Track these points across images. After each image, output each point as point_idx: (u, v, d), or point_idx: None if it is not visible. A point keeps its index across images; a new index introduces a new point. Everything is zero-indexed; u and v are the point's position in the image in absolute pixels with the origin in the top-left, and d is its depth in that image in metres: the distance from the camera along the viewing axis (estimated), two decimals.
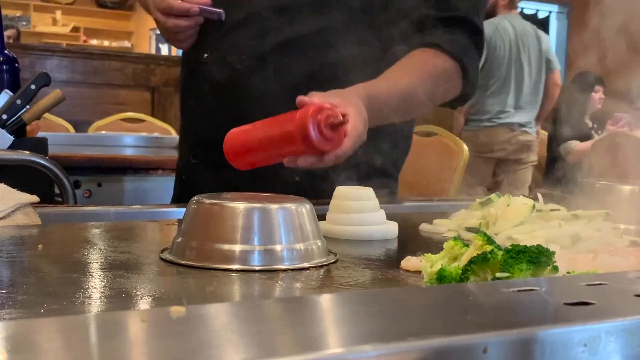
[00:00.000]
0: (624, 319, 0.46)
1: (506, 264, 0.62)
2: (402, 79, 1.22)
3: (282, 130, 1.04)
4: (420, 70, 1.25)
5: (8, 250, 0.81)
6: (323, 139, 1.00)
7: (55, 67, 4.84)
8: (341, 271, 0.76)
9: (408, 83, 1.22)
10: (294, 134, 1.01)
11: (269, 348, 0.39)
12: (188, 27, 1.31)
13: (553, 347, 0.43)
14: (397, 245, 0.95)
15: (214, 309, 0.47)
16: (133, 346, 0.39)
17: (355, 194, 0.98)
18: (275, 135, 1.06)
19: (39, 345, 0.38)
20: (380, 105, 1.16)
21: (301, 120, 0.99)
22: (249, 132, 1.10)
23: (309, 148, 1.01)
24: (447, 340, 0.41)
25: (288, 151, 1.05)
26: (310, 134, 0.99)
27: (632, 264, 0.75)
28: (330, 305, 0.49)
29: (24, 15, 10.78)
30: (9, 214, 0.94)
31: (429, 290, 0.61)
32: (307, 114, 0.99)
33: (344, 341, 0.40)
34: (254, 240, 0.74)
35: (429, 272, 0.69)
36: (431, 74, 1.26)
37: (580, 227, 0.91)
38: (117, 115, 4.11)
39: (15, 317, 0.55)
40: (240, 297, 0.68)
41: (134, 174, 2.39)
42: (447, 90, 1.31)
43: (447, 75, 1.28)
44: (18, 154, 1.50)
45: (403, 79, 1.22)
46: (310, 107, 1.00)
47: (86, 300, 0.61)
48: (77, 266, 0.74)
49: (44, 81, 1.68)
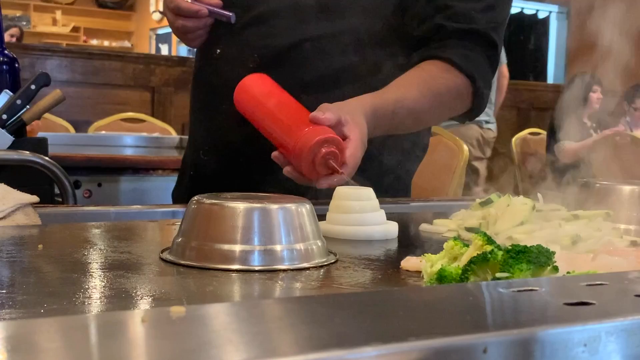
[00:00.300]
0: (624, 319, 0.46)
1: (506, 264, 0.62)
2: (410, 92, 1.20)
3: (286, 130, 1.05)
4: (429, 85, 1.23)
5: (8, 250, 0.81)
6: (314, 171, 1.02)
7: (55, 67, 4.84)
8: (341, 271, 0.76)
9: (416, 97, 1.20)
10: (292, 147, 1.02)
11: (269, 348, 0.39)
12: (196, 28, 1.30)
13: (553, 347, 0.43)
14: (397, 245, 0.95)
15: (214, 309, 0.47)
16: (133, 346, 0.39)
17: (355, 194, 0.98)
18: (279, 125, 1.07)
19: (39, 345, 0.38)
20: (386, 119, 1.16)
21: (302, 144, 1.01)
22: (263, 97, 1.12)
23: (297, 167, 1.03)
24: (447, 340, 0.41)
25: (279, 146, 1.07)
26: (302, 163, 1.01)
27: (632, 264, 0.75)
28: (330, 305, 0.49)
29: (24, 15, 10.79)
30: (9, 214, 0.94)
31: (429, 290, 0.61)
32: (310, 143, 1.00)
33: (344, 341, 0.40)
34: (254, 240, 0.74)
35: (429, 272, 0.69)
36: (440, 89, 1.24)
37: (580, 227, 0.91)
38: (117, 115, 4.11)
39: (15, 317, 0.55)
40: (240, 297, 0.68)
41: (134, 174, 2.39)
42: (455, 106, 1.30)
43: (457, 91, 1.26)
44: (18, 154, 1.50)
45: (411, 92, 1.20)
46: (316, 136, 1.00)
47: (86, 300, 0.61)
48: (77, 266, 0.74)
49: (44, 81, 1.68)
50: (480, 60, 1.27)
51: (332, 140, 1.01)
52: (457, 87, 1.25)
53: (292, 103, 1.11)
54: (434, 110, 1.25)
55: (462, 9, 1.25)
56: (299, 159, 1.02)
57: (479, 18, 1.26)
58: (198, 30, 1.31)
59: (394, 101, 1.17)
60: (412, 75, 1.23)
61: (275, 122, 1.09)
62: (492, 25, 1.28)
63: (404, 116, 1.20)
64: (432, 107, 1.24)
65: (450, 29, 1.25)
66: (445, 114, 1.32)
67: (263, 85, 1.17)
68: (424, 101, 1.21)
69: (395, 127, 1.21)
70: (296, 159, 1.03)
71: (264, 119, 1.12)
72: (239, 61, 1.29)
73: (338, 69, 1.27)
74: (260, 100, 1.14)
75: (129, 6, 11.75)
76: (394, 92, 1.19)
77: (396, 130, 1.25)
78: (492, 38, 1.28)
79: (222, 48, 1.33)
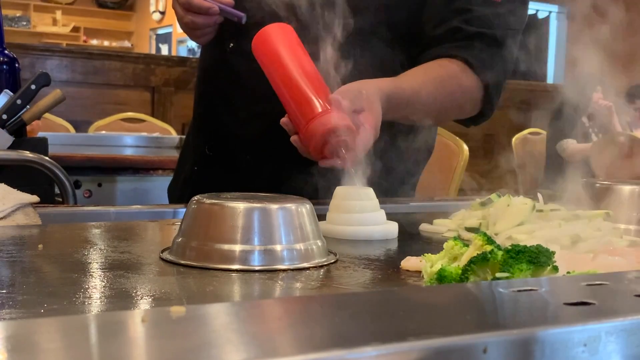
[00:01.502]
0: (624, 319, 0.46)
1: (506, 264, 0.62)
2: (426, 85, 1.20)
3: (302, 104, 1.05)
4: (445, 83, 1.23)
5: (8, 250, 0.81)
6: (320, 153, 1.02)
7: (55, 67, 4.84)
8: (341, 271, 0.76)
9: (431, 92, 1.21)
10: (304, 124, 1.02)
11: (269, 348, 0.39)
12: (205, 25, 1.29)
13: (553, 347, 0.43)
14: (397, 245, 0.95)
15: (214, 309, 0.47)
16: (133, 346, 0.39)
17: (355, 194, 0.98)
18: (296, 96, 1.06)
19: (39, 345, 0.38)
20: (399, 107, 1.16)
21: (316, 126, 1.01)
22: (284, 56, 1.09)
23: (305, 142, 1.03)
24: (447, 340, 0.41)
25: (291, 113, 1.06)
26: (312, 143, 1.01)
27: (632, 264, 0.75)
28: (330, 305, 0.49)
29: (24, 15, 10.80)
30: (9, 214, 0.94)
31: (429, 290, 0.61)
32: (324, 128, 1.00)
33: (343, 341, 0.40)
34: (254, 240, 0.74)
35: (429, 272, 0.69)
36: (454, 88, 1.24)
37: (580, 227, 0.91)
38: (117, 115, 4.11)
39: (15, 317, 0.55)
40: (240, 297, 0.68)
41: (134, 174, 2.39)
42: (465, 107, 1.30)
43: (470, 93, 1.26)
44: (18, 154, 1.50)
45: (427, 86, 1.20)
46: (331, 123, 1.00)
47: (86, 300, 0.61)
48: (77, 266, 0.74)
49: (44, 81, 1.68)
50: (495, 66, 1.26)
51: (346, 128, 1.01)
52: (471, 89, 1.26)
53: (313, 73, 1.09)
54: (445, 107, 1.26)
55: (481, 13, 1.25)
56: (309, 138, 1.02)
57: (497, 23, 1.26)
58: (207, 28, 1.30)
59: (410, 92, 1.18)
60: (430, 69, 1.23)
61: (292, 90, 1.07)
62: (510, 31, 1.28)
63: (416, 108, 1.20)
64: (444, 105, 1.24)
65: (468, 32, 1.24)
66: (455, 114, 1.32)
67: (286, 41, 1.12)
68: (437, 97, 1.22)
69: (405, 116, 1.22)
70: (306, 137, 1.03)
71: (281, 80, 1.09)
72: (252, 56, 1.29)
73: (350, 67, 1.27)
74: (280, 58, 1.10)
75: (129, 6, 11.76)
76: (411, 82, 1.19)
77: (404, 120, 1.24)
78: (509, 44, 1.27)
79: (235, 42, 1.32)
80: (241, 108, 1.31)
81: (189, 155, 1.48)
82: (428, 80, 1.21)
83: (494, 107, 1.31)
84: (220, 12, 1.27)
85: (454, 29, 1.25)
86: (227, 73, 1.34)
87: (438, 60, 1.25)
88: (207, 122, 1.41)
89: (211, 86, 1.40)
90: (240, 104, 1.32)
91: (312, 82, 1.07)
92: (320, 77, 1.09)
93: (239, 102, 1.32)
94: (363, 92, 1.07)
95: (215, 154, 1.38)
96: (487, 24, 1.25)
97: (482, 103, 1.28)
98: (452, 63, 1.24)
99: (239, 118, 1.31)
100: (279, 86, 1.10)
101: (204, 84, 1.43)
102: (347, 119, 1.02)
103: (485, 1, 1.26)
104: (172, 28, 10.49)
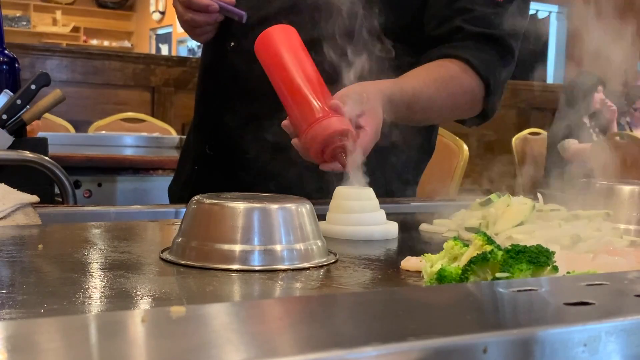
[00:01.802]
0: (624, 319, 0.46)
1: (506, 264, 0.62)
2: (427, 87, 1.20)
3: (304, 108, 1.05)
4: (447, 84, 1.23)
5: (8, 250, 0.81)
6: (321, 156, 1.02)
7: (55, 67, 4.84)
8: (341, 271, 0.76)
9: (432, 94, 1.20)
10: (305, 128, 1.02)
11: (269, 348, 0.39)
12: (205, 23, 1.29)
13: (553, 347, 0.43)
14: (397, 245, 0.95)
15: (214, 309, 0.47)
16: (133, 346, 0.39)
17: (355, 194, 0.98)
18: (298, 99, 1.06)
19: (39, 345, 0.38)
20: (400, 109, 1.16)
21: (317, 130, 1.02)
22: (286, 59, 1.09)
23: (305, 145, 1.03)
24: (447, 340, 0.41)
25: (292, 117, 1.06)
26: (312, 146, 1.01)
27: (632, 264, 0.75)
28: (330, 305, 0.49)
29: (24, 15, 10.79)
30: (9, 214, 0.94)
31: (429, 290, 0.61)
32: (325, 133, 1.01)
33: (344, 341, 0.40)
34: (254, 240, 0.74)
35: (429, 272, 0.69)
36: (456, 89, 1.24)
37: (580, 227, 0.91)
38: (117, 115, 4.11)
39: (15, 317, 0.55)
40: (240, 297, 0.68)
41: (134, 174, 2.39)
42: (466, 108, 1.29)
43: (471, 94, 1.26)
44: (18, 154, 1.50)
45: (428, 88, 1.20)
46: (332, 127, 1.01)
47: (86, 300, 0.61)
48: (77, 266, 0.74)
49: (44, 81, 1.69)
50: (497, 67, 1.26)
51: (347, 133, 1.01)
52: (472, 90, 1.25)
53: (314, 76, 1.09)
54: (446, 108, 1.25)
55: (482, 14, 1.25)
56: (310, 142, 1.02)
57: (499, 24, 1.25)
58: (207, 26, 1.30)
59: (412, 94, 1.18)
60: (432, 70, 1.23)
61: (293, 93, 1.07)
62: (511, 32, 1.27)
63: (417, 110, 1.20)
64: (446, 105, 1.24)
65: (470, 32, 1.24)
66: (456, 115, 1.32)
67: (288, 43, 1.12)
68: (439, 98, 1.22)
69: (405, 118, 1.21)
70: (307, 141, 1.03)
71: (282, 83, 1.09)
72: (253, 55, 1.29)
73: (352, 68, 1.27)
74: (282, 61, 1.10)
75: (129, 6, 11.75)
76: (412, 83, 1.19)
77: (404, 121, 1.24)
78: (510, 45, 1.27)
79: (236, 41, 1.32)
80: (243, 108, 1.30)
81: (189, 155, 1.48)
82: (429, 81, 1.21)
83: (496, 108, 1.30)
84: (221, 10, 1.26)
85: (456, 29, 1.25)
86: (227, 72, 1.34)
87: (439, 61, 1.24)
88: (208, 121, 1.41)
89: (211, 85, 1.40)
90: (239, 103, 1.32)
91: (313, 85, 1.07)
92: (322, 80, 1.09)
93: (238, 101, 1.32)
94: (364, 94, 1.07)
95: (215, 153, 1.38)
96: (489, 24, 1.25)
97: (483, 103, 1.28)
98: (454, 63, 1.24)
99: (240, 118, 1.31)
100: (280, 89, 1.10)
101: (205, 84, 1.43)
102: (348, 123, 1.02)
103: (487, 1, 1.26)
104: (172, 28, 10.50)
